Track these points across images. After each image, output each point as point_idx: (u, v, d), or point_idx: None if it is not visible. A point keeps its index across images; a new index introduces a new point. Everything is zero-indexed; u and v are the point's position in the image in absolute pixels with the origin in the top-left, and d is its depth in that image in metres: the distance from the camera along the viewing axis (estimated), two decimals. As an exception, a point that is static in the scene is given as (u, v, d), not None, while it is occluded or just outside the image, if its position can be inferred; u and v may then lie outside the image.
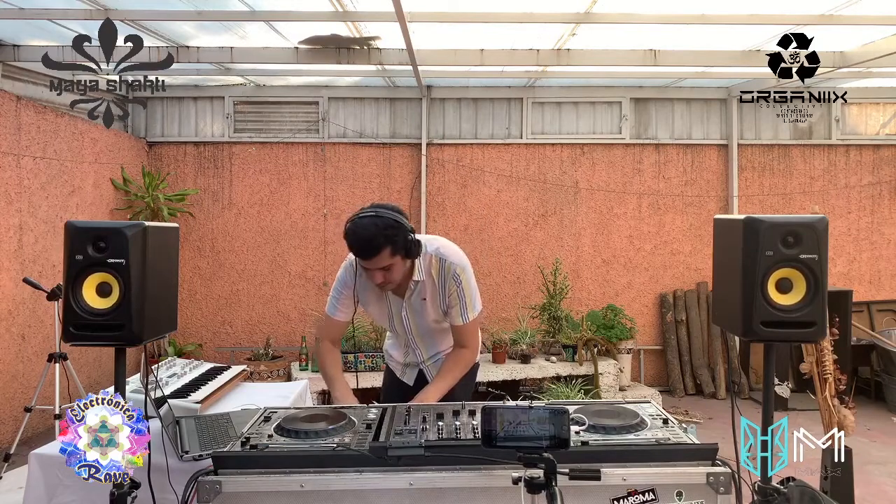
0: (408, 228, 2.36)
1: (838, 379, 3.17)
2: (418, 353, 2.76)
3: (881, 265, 7.05)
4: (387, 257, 2.32)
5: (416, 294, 2.55)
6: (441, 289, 2.52)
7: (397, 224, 2.32)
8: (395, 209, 2.38)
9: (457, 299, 2.53)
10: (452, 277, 2.50)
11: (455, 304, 2.54)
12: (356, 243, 2.31)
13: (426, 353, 2.76)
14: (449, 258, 2.51)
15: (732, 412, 1.96)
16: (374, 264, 2.34)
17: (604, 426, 1.92)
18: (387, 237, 2.29)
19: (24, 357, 5.14)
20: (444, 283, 2.52)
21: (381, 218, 2.31)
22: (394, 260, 2.35)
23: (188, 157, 6.95)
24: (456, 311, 2.55)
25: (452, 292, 2.52)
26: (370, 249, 2.30)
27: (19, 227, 5.06)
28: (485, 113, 7.01)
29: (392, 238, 2.30)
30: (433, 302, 2.56)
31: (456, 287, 2.51)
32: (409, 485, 1.75)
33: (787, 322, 1.84)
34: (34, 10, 4.41)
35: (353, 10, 4.51)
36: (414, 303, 2.58)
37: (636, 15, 4.55)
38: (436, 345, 2.76)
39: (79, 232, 1.80)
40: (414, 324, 2.64)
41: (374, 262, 2.33)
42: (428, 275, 2.52)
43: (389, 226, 2.30)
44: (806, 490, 2.37)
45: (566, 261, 6.82)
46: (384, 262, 2.34)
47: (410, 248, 2.37)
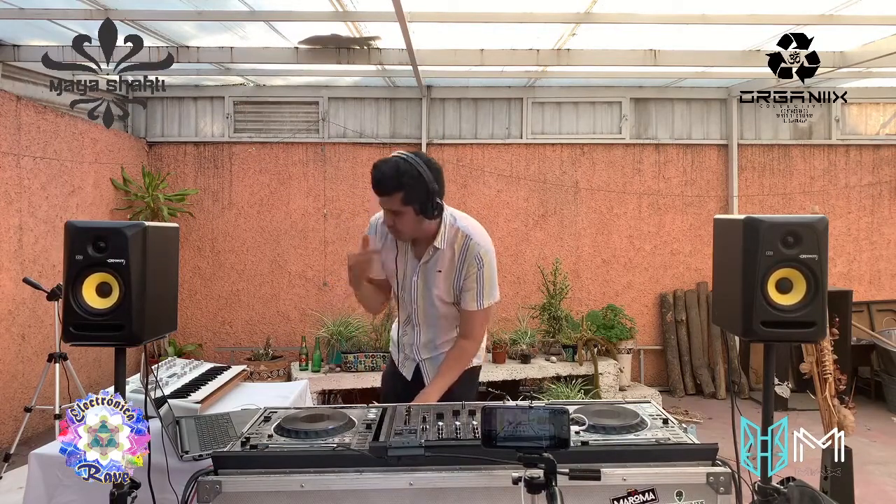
0: (429, 186, 2.32)
1: (838, 379, 3.17)
2: (418, 335, 2.64)
3: (881, 265, 7.05)
4: (398, 202, 2.32)
5: (432, 261, 2.50)
6: (460, 266, 2.47)
7: (418, 176, 2.30)
8: (430, 164, 2.36)
9: (474, 283, 2.48)
10: (475, 258, 2.46)
11: (472, 287, 2.48)
12: (373, 175, 2.33)
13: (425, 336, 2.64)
14: (474, 237, 2.48)
15: (732, 412, 1.96)
16: (386, 203, 2.35)
17: (604, 426, 1.92)
18: (401, 184, 2.29)
19: (24, 357, 5.14)
20: (464, 262, 2.47)
21: (407, 163, 2.30)
22: (405, 209, 2.34)
23: (188, 157, 6.95)
24: (471, 295, 2.49)
25: (472, 274, 2.47)
26: (382, 187, 2.32)
27: (19, 227, 5.06)
28: (485, 113, 7.01)
29: (406, 186, 2.29)
30: (447, 277, 2.50)
31: (477, 270, 2.46)
32: (409, 485, 1.75)
33: (787, 322, 1.83)
34: (34, 10, 4.41)
35: (353, 10, 4.51)
36: (429, 270, 2.51)
37: (636, 15, 4.55)
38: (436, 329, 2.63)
39: (79, 232, 1.79)
40: (422, 295, 2.55)
41: (385, 201, 2.34)
42: (449, 247, 2.48)
43: (409, 174, 2.29)
44: (806, 490, 2.37)
45: (566, 261, 6.82)
46: (395, 205, 2.33)
47: (427, 206, 2.34)
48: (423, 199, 2.33)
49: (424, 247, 2.51)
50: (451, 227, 2.48)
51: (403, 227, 2.40)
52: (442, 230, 2.47)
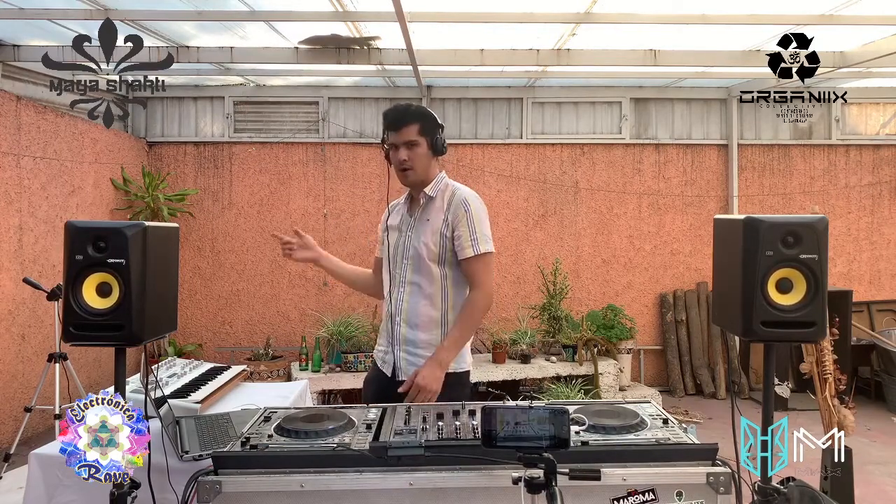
0: (440, 126, 2.63)
1: (838, 379, 3.17)
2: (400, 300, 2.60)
3: (881, 265, 7.05)
4: (414, 133, 2.55)
5: (423, 211, 2.65)
6: (447, 213, 2.59)
7: (432, 116, 2.62)
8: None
9: (465, 226, 2.55)
10: (461, 202, 2.59)
11: (463, 232, 2.55)
12: (391, 112, 2.58)
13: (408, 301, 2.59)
14: (460, 190, 2.66)
15: (732, 412, 1.96)
16: (402, 136, 2.55)
17: (604, 426, 1.92)
18: (420, 114, 2.58)
19: (24, 357, 5.14)
20: (450, 208, 2.60)
21: (421, 106, 2.66)
22: (420, 140, 2.56)
23: (188, 157, 6.95)
24: (465, 239, 2.55)
25: (460, 218, 2.57)
26: (402, 118, 2.55)
27: (19, 227, 5.06)
28: (485, 113, 7.01)
29: (423, 117, 2.58)
30: (434, 225, 2.59)
31: (464, 213, 2.57)
32: (409, 485, 1.75)
33: (787, 322, 1.83)
34: (34, 10, 4.42)
35: (353, 10, 4.51)
36: (419, 221, 2.64)
37: (636, 15, 4.56)
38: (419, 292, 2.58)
39: (79, 232, 1.79)
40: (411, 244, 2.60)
41: (402, 133, 2.55)
42: (440, 197, 2.64)
43: (425, 111, 2.62)
44: (806, 490, 2.37)
45: (566, 261, 6.82)
46: (412, 135, 2.55)
47: (436, 140, 2.61)
48: (435, 132, 2.60)
49: (417, 202, 2.69)
50: (442, 181, 2.69)
51: (417, 163, 2.58)
52: (435, 181, 2.67)
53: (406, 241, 2.64)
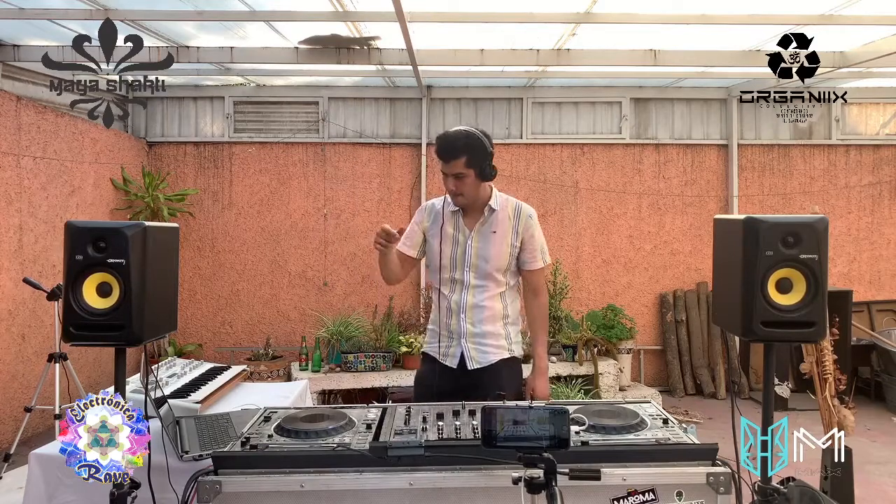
0: (489, 152, 2.64)
1: (838, 379, 3.17)
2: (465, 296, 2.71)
3: (881, 265, 7.04)
4: (462, 165, 2.59)
5: (487, 224, 2.72)
6: (516, 225, 2.72)
7: (481, 144, 2.62)
8: (486, 135, 2.67)
9: (538, 243, 2.76)
10: (529, 216, 2.74)
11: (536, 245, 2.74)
12: (441, 143, 2.61)
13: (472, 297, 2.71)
14: (519, 202, 2.79)
15: (732, 412, 1.96)
16: (451, 168, 2.60)
17: (604, 426, 1.92)
18: (468, 146, 2.59)
19: (24, 357, 5.14)
20: (520, 220, 2.73)
21: (469, 132, 2.63)
22: (468, 171, 2.60)
23: (188, 157, 6.95)
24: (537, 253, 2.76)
25: (532, 230, 2.73)
26: (450, 151, 2.58)
27: (19, 227, 5.06)
28: (485, 113, 7.01)
29: (472, 149, 2.59)
30: (503, 237, 2.71)
31: (535, 227, 2.75)
32: (409, 485, 1.75)
33: (787, 322, 1.83)
34: (34, 10, 4.42)
35: (353, 10, 4.51)
36: (484, 232, 2.72)
37: (636, 15, 4.55)
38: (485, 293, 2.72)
39: (79, 232, 1.80)
40: (476, 254, 2.71)
41: (451, 165, 2.60)
42: (503, 209, 2.73)
43: (474, 138, 2.61)
44: (806, 490, 2.37)
45: (566, 261, 6.82)
46: (459, 168, 2.59)
47: (485, 169, 2.63)
48: (484, 162, 2.62)
49: (478, 214, 2.75)
50: (501, 195, 2.78)
51: (466, 190, 2.64)
52: (494, 194, 2.76)
53: (468, 250, 2.73)
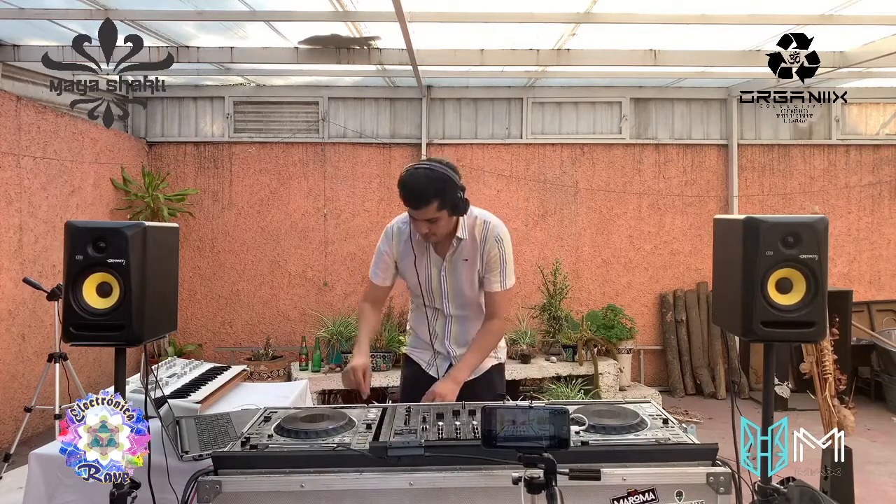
0: (458, 185, 2.44)
1: (838, 379, 3.17)
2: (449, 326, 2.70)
3: (881, 265, 7.04)
4: (434, 210, 2.41)
5: (457, 253, 2.60)
6: (481, 249, 2.58)
7: (448, 179, 2.41)
8: (450, 166, 2.47)
9: (497, 263, 2.59)
10: (495, 239, 2.58)
11: (495, 268, 2.59)
12: (407, 193, 2.40)
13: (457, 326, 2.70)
14: (492, 221, 2.61)
15: (732, 412, 1.96)
16: (422, 215, 2.42)
17: (604, 426, 1.92)
18: (437, 190, 2.38)
19: (24, 357, 5.14)
20: (485, 244, 2.58)
21: (434, 171, 2.40)
22: (440, 214, 2.43)
23: (188, 157, 6.95)
24: (495, 276, 2.60)
25: (493, 255, 2.58)
26: (420, 200, 2.38)
27: (19, 227, 5.06)
28: (485, 113, 7.01)
29: (442, 192, 2.39)
30: (472, 264, 2.61)
31: (498, 250, 2.58)
32: (409, 485, 1.75)
33: (787, 322, 1.83)
34: (34, 10, 4.42)
35: (353, 10, 4.51)
36: (455, 262, 2.62)
37: (636, 15, 4.55)
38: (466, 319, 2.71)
39: (79, 232, 1.79)
40: (451, 286, 2.65)
41: (422, 213, 2.41)
42: (471, 235, 2.58)
43: (441, 179, 2.39)
44: (806, 490, 2.37)
45: (566, 261, 6.82)
46: (431, 214, 2.42)
47: (458, 204, 2.45)
48: (455, 199, 2.44)
49: (447, 243, 2.60)
50: (469, 217, 2.59)
51: (440, 231, 2.50)
52: (462, 221, 2.59)
53: (443, 281, 2.65)
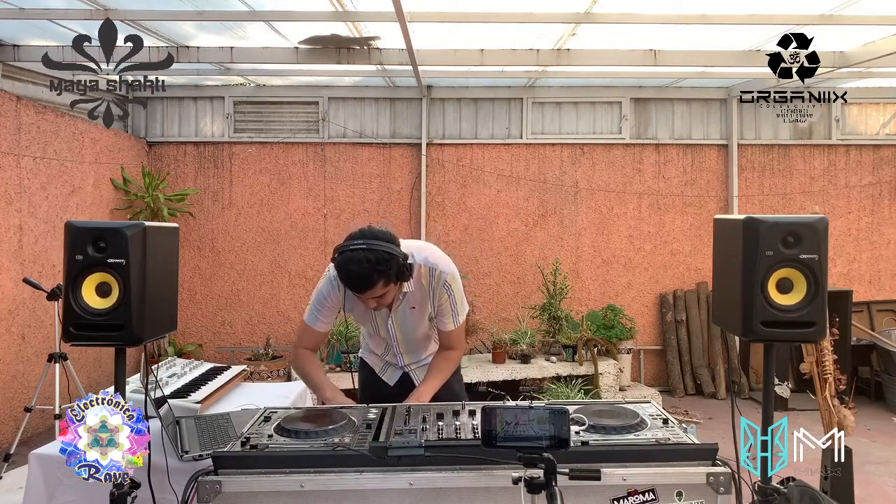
0: (399, 257, 2.30)
1: (838, 379, 3.17)
2: (400, 359, 2.78)
3: (881, 265, 7.04)
4: (380, 289, 2.30)
5: (403, 304, 2.55)
6: (431, 297, 2.54)
7: (390, 256, 2.27)
8: (386, 237, 2.33)
9: (448, 308, 2.57)
10: (443, 286, 2.51)
11: (446, 312, 2.58)
12: (349, 279, 2.27)
13: (409, 359, 2.78)
14: (439, 266, 2.51)
15: (732, 412, 1.96)
16: (368, 296, 2.33)
17: (604, 426, 1.92)
18: (380, 272, 2.25)
19: (24, 357, 5.14)
20: (435, 292, 2.52)
21: (373, 252, 2.24)
22: (387, 289, 2.33)
23: (188, 157, 6.95)
24: (448, 318, 2.60)
25: (444, 301, 2.55)
26: (364, 285, 2.27)
27: (19, 227, 5.06)
28: (485, 113, 7.01)
29: (385, 271, 2.26)
30: (421, 310, 2.57)
31: (447, 296, 2.54)
32: (409, 485, 1.75)
33: (787, 322, 1.83)
34: (34, 10, 4.41)
35: (353, 10, 4.51)
36: (401, 312, 2.58)
37: (636, 15, 4.55)
38: (419, 352, 2.78)
39: (79, 232, 1.79)
40: (400, 332, 2.66)
41: (367, 294, 2.31)
42: (418, 284, 2.50)
43: (382, 260, 2.25)
44: (806, 490, 2.37)
45: (566, 261, 6.82)
46: (377, 293, 2.32)
47: (403, 273, 2.33)
48: (400, 271, 2.31)
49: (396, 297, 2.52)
50: (414, 266, 2.44)
51: (387, 301, 2.42)
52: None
53: (391, 328, 2.64)
